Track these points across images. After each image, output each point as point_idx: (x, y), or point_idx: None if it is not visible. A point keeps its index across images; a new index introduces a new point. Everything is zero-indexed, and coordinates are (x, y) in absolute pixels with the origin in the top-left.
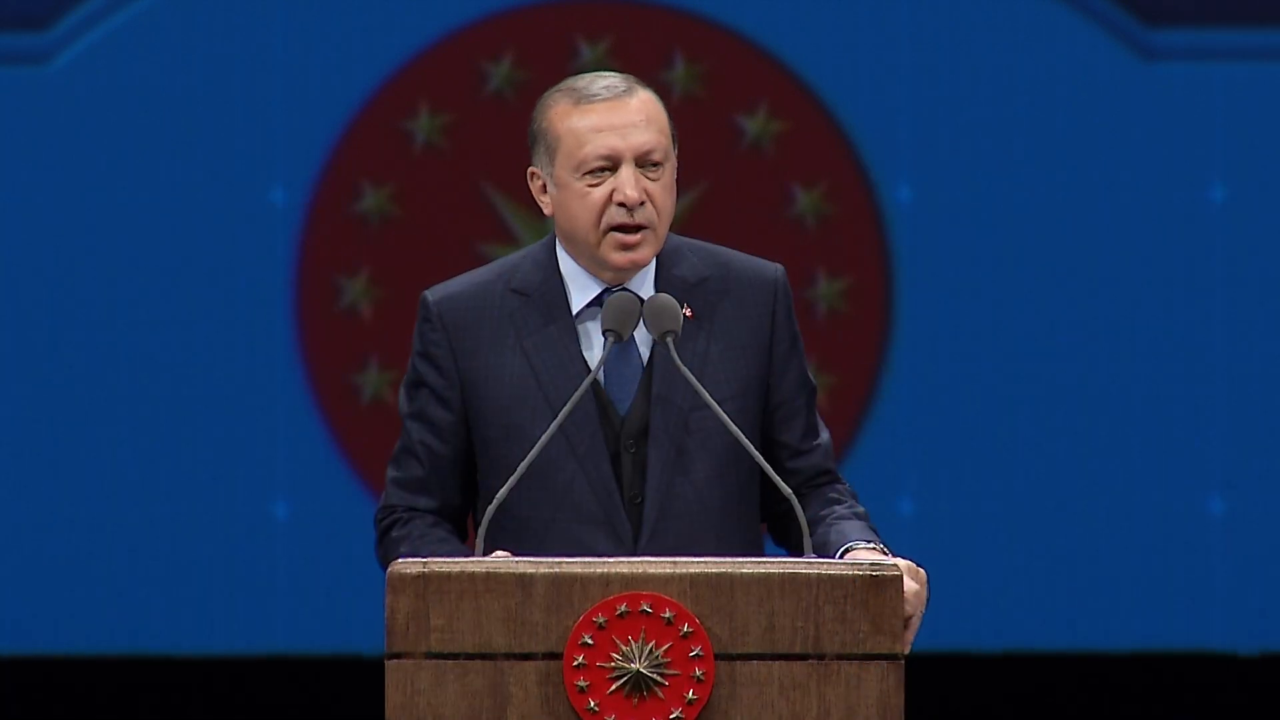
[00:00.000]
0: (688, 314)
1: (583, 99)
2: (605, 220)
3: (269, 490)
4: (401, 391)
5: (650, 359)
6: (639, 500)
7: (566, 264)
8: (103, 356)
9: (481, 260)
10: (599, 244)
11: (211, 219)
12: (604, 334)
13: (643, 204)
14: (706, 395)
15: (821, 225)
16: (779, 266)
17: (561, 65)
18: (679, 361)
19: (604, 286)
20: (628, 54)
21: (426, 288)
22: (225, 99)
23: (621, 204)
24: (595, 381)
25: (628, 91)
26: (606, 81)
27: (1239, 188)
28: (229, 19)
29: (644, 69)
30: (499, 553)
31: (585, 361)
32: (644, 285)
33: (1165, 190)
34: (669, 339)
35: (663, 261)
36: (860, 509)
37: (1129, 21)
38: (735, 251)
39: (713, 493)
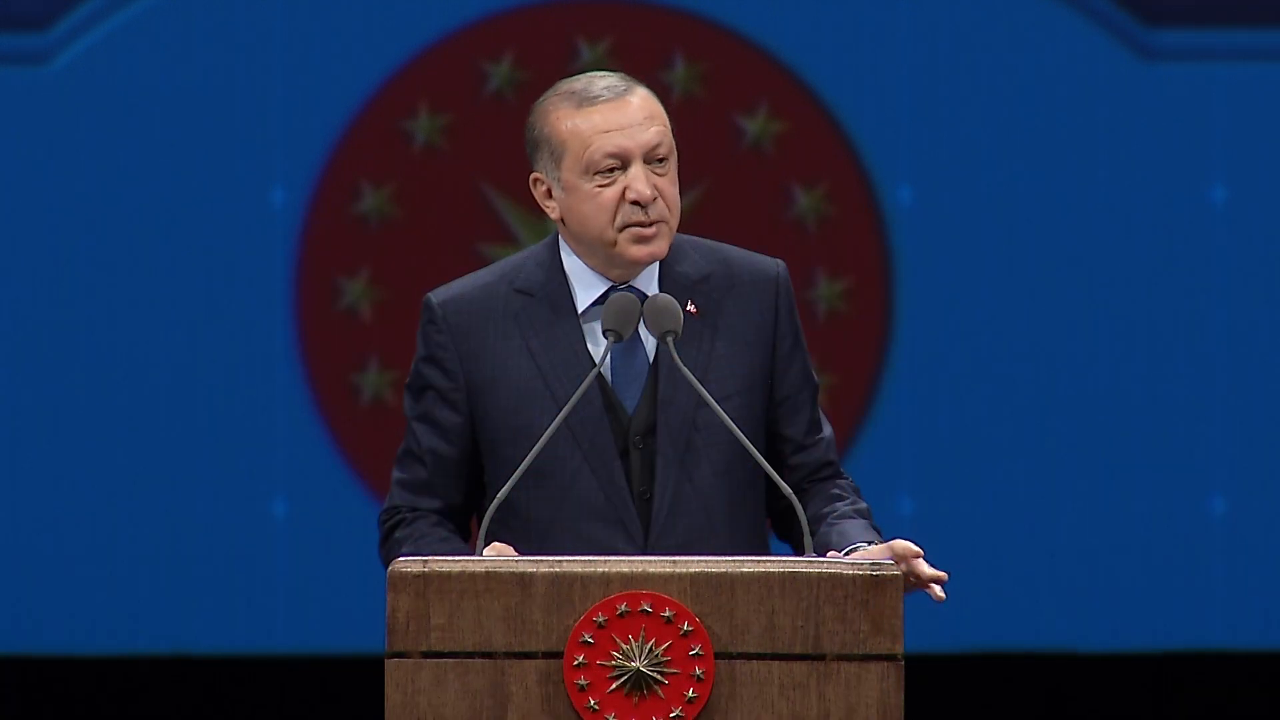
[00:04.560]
0: (692, 311)
1: (584, 101)
2: (620, 219)
3: (268, 489)
4: (406, 394)
5: (655, 357)
6: (648, 497)
7: (570, 262)
8: (103, 356)
9: (481, 260)
10: (615, 242)
11: (211, 219)
12: (604, 334)
13: (655, 200)
14: (707, 396)
15: (821, 225)
16: (780, 262)
17: (561, 65)
18: (680, 363)
19: (610, 284)
20: (628, 54)
21: (426, 288)
22: (225, 99)
23: (635, 201)
24: (602, 380)
25: (628, 90)
26: (605, 82)
27: (1239, 188)
28: (229, 19)
29: (644, 69)
30: (498, 544)
31: (592, 360)
32: (649, 283)
33: (1165, 190)
34: (669, 339)
35: (666, 259)
36: (862, 505)
37: (1129, 21)
38: (736, 248)
39: (720, 488)
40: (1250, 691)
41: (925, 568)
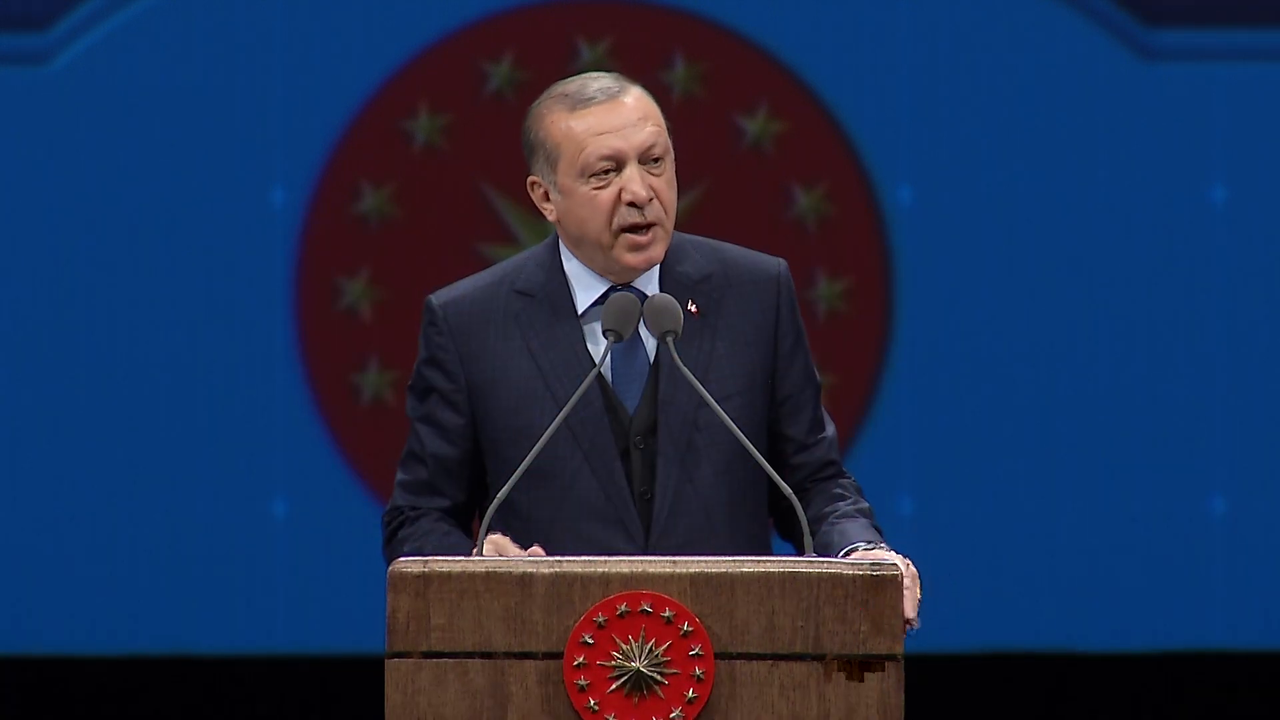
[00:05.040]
0: (693, 311)
1: (578, 103)
2: (616, 221)
3: (268, 489)
4: (409, 395)
5: (656, 357)
6: (649, 497)
7: (570, 264)
8: (103, 356)
9: (481, 260)
10: (612, 246)
11: (211, 219)
12: (604, 334)
13: (651, 200)
14: (707, 396)
15: (821, 225)
16: (781, 261)
17: (561, 65)
18: (679, 362)
19: (609, 285)
20: (628, 54)
21: (426, 288)
22: (225, 99)
23: (631, 203)
24: (602, 380)
25: (621, 91)
26: (599, 84)
27: (1239, 188)
28: (229, 19)
29: (644, 69)
30: (497, 538)
31: (592, 360)
32: (649, 283)
33: (1165, 190)
34: (669, 339)
35: (667, 259)
36: (864, 505)
37: (1129, 21)
38: (737, 247)
39: (722, 487)
40: (1250, 691)
41: (908, 605)
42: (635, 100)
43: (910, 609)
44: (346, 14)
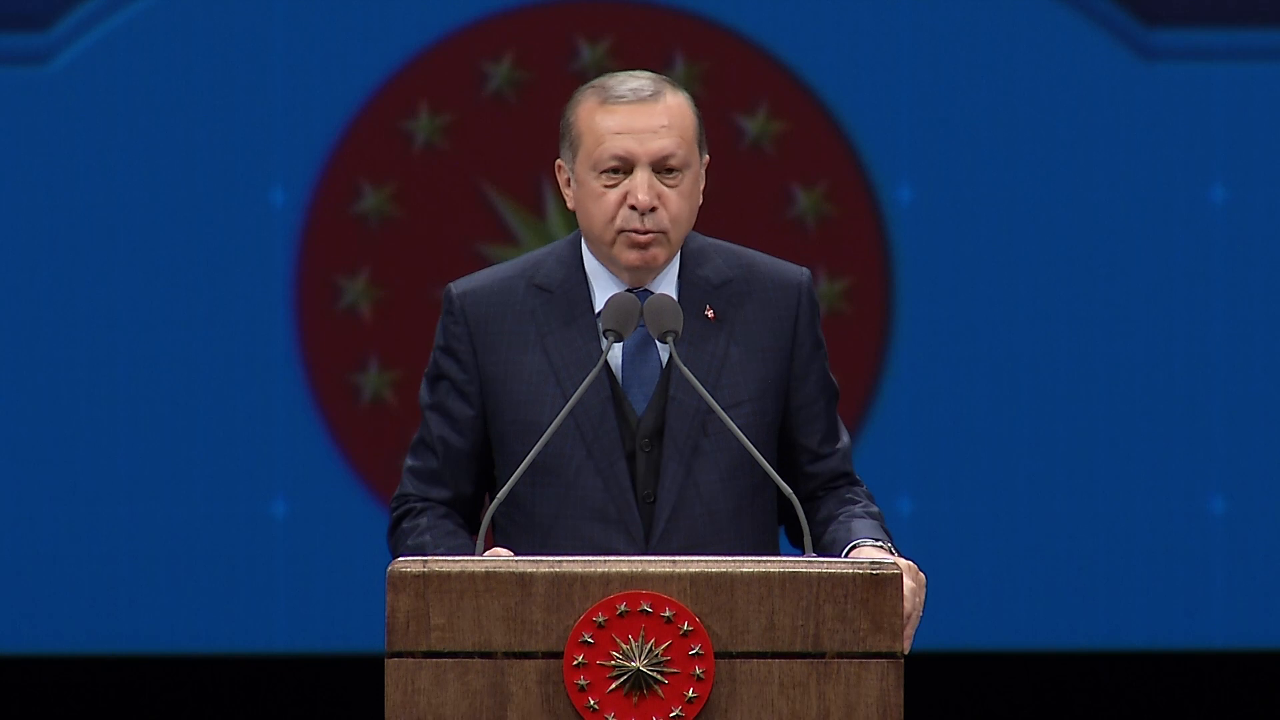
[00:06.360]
0: (710, 315)
1: (609, 99)
2: (618, 222)
3: (268, 489)
4: (423, 383)
5: (669, 360)
6: (651, 499)
7: (590, 262)
8: (102, 356)
9: (481, 261)
10: (612, 243)
11: (211, 219)
12: (604, 334)
13: (654, 209)
14: (708, 398)
15: (821, 225)
16: (805, 270)
17: (561, 65)
18: (680, 364)
19: (626, 286)
20: (628, 54)
21: (426, 288)
22: (225, 99)
23: (633, 207)
24: (613, 381)
25: (655, 95)
26: (635, 83)
27: (1239, 188)
28: (229, 19)
29: (644, 69)
30: (499, 550)
31: (605, 361)
32: (667, 285)
33: (1165, 190)
34: (669, 339)
35: (687, 262)
36: (874, 509)
37: (1129, 21)
38: (762, 254)
39: (727, 492)
40: (1250, 691)
41: (905, 639)
42: (666, 107)
43: (905, 638)
44: (346, 14)
